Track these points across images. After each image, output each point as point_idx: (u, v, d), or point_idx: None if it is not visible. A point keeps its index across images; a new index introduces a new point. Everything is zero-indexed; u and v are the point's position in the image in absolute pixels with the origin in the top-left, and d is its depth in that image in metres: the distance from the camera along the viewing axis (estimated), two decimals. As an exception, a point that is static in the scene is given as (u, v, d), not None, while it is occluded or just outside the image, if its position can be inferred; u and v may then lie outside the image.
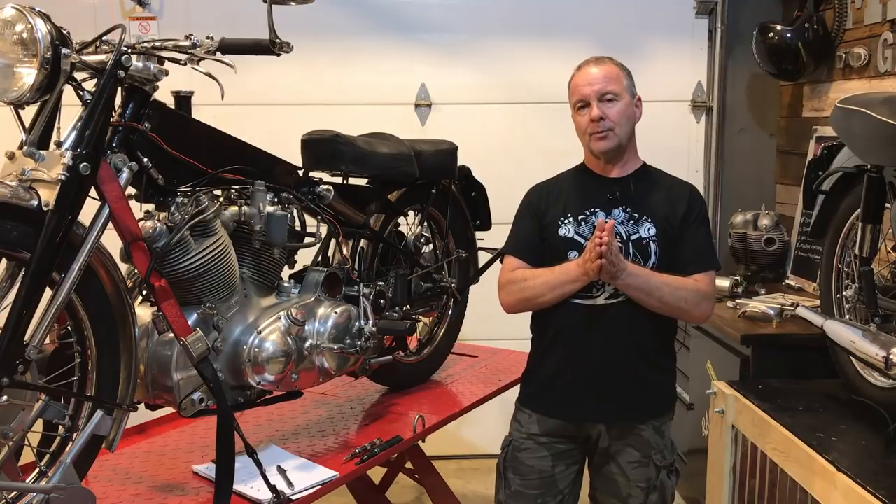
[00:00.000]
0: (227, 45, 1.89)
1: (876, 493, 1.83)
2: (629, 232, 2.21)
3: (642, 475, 2.24)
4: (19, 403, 1.68)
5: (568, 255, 2.23)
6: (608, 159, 2.26)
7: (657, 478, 2.25)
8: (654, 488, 2.25)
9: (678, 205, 2.25)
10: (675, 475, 2.31)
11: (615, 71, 2.23)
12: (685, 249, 2.23)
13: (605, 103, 2.20)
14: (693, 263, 2.23)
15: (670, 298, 2.17)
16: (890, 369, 2.11)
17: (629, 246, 2.20)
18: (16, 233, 1.65)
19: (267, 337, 2.13)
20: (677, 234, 2.23)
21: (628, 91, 2.24)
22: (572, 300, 2.21)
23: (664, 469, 2.26)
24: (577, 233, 2.24)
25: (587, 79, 2.22)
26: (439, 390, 2.83)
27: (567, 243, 2.24)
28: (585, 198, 2.27)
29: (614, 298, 2.18)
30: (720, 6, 4.04)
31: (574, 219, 2.25)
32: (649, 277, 2.15)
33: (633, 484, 2.24)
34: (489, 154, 3.72)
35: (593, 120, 2.20)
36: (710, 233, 2.32)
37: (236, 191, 2.16)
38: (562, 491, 2.30)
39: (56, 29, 1.70)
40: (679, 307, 2.20)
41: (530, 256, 2.30)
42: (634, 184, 2.26)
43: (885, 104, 2.15)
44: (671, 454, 2.29)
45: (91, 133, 1.72)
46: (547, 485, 2.28)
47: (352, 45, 3.99)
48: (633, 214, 2.23)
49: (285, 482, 2.02)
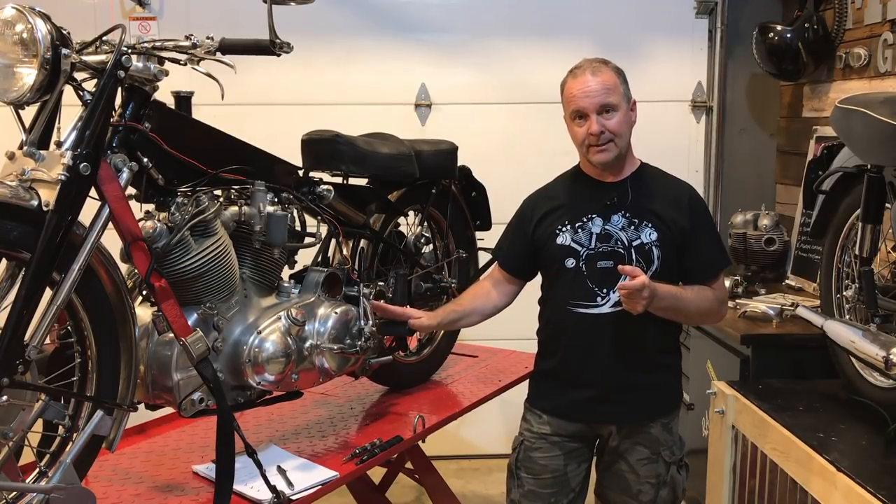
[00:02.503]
0: (227, 45, 1.89)
1: (876, 493, 1.83)
2: (630, 238, 2.20)
3: (652, 471, 2.26)
4: (19, 403, 1.68)
5: (565, 262, 2.23)
6: (609, 168, 2.25)
7: (667, 473, 2.26)
8: (665, 483, 2.26)
9: (679, 211, 2.23)
10: (685, 470, 2.33)
11: (612, 80, 2.18)
12: (698, 258, 2.23)
13: (603, 116, 2.16)
14: (708, 270, 2.25)
15: (695, 311, 2.21)
16: (890, 369, 2.11)
17: (631, 252, 2.19)
18: (16, 233, 1.64)
19: (267, 337, 2.13)
20: (681, 241, 2.21)
21: (625, 98, 2.20)
22: (577, 310, 2.21)
23: (674, 465, 2.28)
24: (573, 240, 2.23)
25: (584, 90, 2.17)
26: (439, 390, 2.83)
27: (564, 251, 2.23)
28: (582, 204, 2.26)
29: (619, 306, 2.16)
30: (720, 6, 4.04)
31: (571, 226, 2.24)
32: (677, 298, 2.15)
33: (643, 480, 2.26)
34: (489, 154, 3.72)
35: (592, 134, 2.17)
36: (715, 230, 2.33)
37: (236, 191, 2.16)
38: (573, 489, 2.32)
39: (56, 29, 1.70)
40: (702, 317, 2.29)
41: (517, 270, 2.38)
42: (632, 187, 2.24)
43: (885, 104, 2.15)
44: (680, 450, 2.31)
45: (91, 133, 1.72)
46: (560, 483, 2.30)
47: (352, 45, 3.99)
48: (632, 220, 2.21)
49: (285, 482, 2.01)
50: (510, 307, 2.46)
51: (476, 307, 2.43)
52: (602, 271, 2.19)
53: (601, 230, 2.21)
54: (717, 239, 2.31)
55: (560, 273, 2.24)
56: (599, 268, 2.19)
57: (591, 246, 2.21)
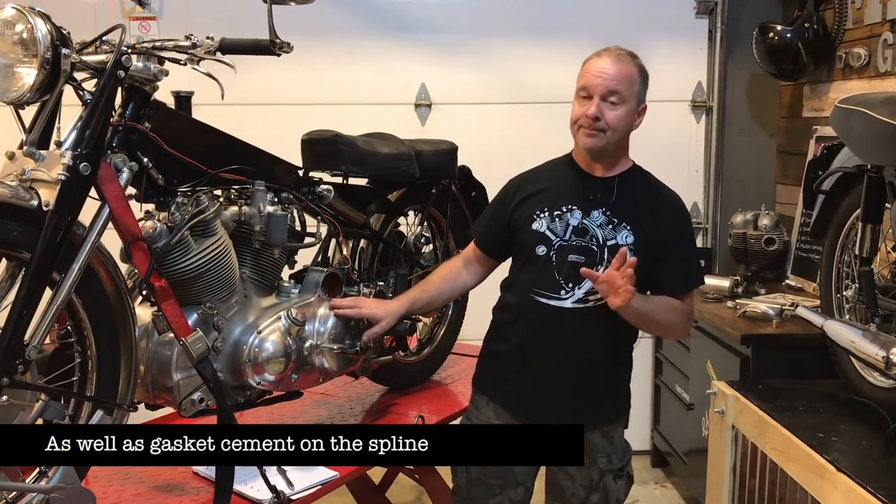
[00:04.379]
0: (227, 45, 1.89)
1: (876, 493, 1.83)
2: (606, 237, 2.14)
3: (585, 476, 2.23)
4: (19, 403, 1.68)
5: (536, 249, 2.17)
6: (592, 157, 2.19)
7: (600, 480, 2.22)
8: (596, 489, 2.22)
9: (661, 220, 2.17)
10: (623, 480, 2.26)
11: (631, 74, 2.13)
12: (673, 270, 2.18)
13: (606, 103, 2.11)
14: (681, 284, 2.20)
15: (664, 321, 2.16)
16: (890, 369, 2.11)
17: (604, 251, 2.13)
18: (16, 233, 1.65)
19: (267, 337, 2.13)
20: (658, 251, 2.16)
21: (636, 97, 2.14)
22: (538, 299, 2.16)
23: (609, 473, 2.23)
24: (549, 228, 2.17)
25: (599, 70, 2.11)
26: (439, 390, 2.83)
27: (537, 237, 2.17)
28: (565, 194, 2.20)
29: (582, 303, 2.13)
30: (720, 6, 4.03)
31: (549, 214, 2.18)
32: (646, 303, 2.11)
33: (577, 484, 2.23)
34: (489, 154, 3.71)
35: (588, 116, 2.11)
36: (695, 247, 2.29)
37: (236, 191, 2.16)
38: (521, 483, 2.27)
39: (56, 29, 1.70)
40: (668, 328, 2.23)
41: (491, 249, 2.34)
42: (619, 187, 2.19)
43: (885, 104, 2.15)
44: (620, 459, 2.25)
45: (91, 133, 1.72)
46: (506, 475, 2.26)
47: (352, 45, 3.99)
48: (612, 219, 2.15)
49: (285, 482, 2.02)
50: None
51: (444, 289, 2.38)
52: (571, 265, 2.13)
53: (579, 223, 2.16)
54: (694, 255, 2.27)
55: (529, 259, 2.19)
56: (569, 261, 2.13)
57: (566, 237, 2.16)
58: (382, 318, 2.32)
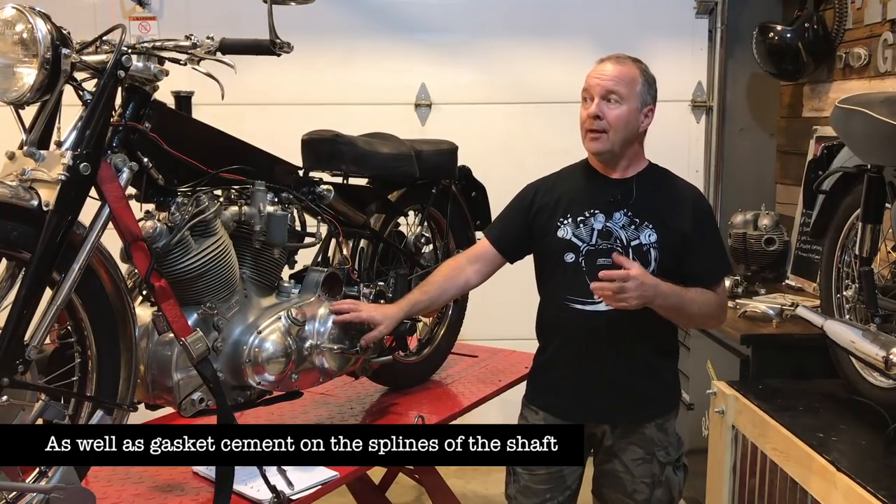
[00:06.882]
0: (227, 45, 1.89)
1: (876, 494, 1.83)
2: (629, 237, 2.18)
3: (646, 471, 2.25)
4: (19, 403, 1.68)
5: (564, 256, 2.21)
6: (602, 160, 2.24)
7: (662, 473, 2.26)
8: (660, 483, 2.26)
9: (683, 215, 2.21)
10: (682, 470, 2.31)
11: (631, 74, 2.17)
12: (700, 262, 2.21)
13: (606, 103, 2.15)
14: (711, 274, 2.23)
15: (698, 313, 2.18)
16: (890, 369, 2.11)
17: (629, 252, 2.17)
18: (16, 233, 1.65)
19: (267, 337, 2.13)
20: (682, 245, 2.19)
21: (639, 98, 2.17)
22: (573, 306, 2.20)
23: (669, 465, 2.26)
24: (574, 235, 2.21)
25: (599, 72, 2.18)
26: (439, 390, 2.83)
27: (564, 245, 2.22)
28: (586, 199, 2.24)
29: None
30: (720, 6, 4.03)
31: (573, 220, 2.23)
32: (681, 297, 2.13)
33: (637, 480, 2.25)
34: (489, 154, 3.72)
35: (589, 116, 2.16)
36: (719, 236, 2.31)
37: (236, 191, 2.16)
38: (569, 486, 2.31)
39: (56, 29, 1.70)
40: (704, 320, 2.28)
41: (507, 249, 2.34)
42: (638, 187, 2.23)
43: (885, 104, 2.15)
44: (676, 450, 2.29)
45: (91, 133, 1.72)
46: (555, 480, 2.30)
47: (352, 45, 3.99)
48: (634, 219, 2.19)
49: (285, 482, 2.01)
50: (511, 307, 2.46)
51: (447, 287, 2.37)
52: (601, 269, 2.17)
53: (603, 227, 2.20)
54: (720, 245, 2.29)
55: (558, 267, 2.23)
56: (599, 265, 2.17)
57: (592, 242, 2.20)
58: (381, 322, 2.33)
